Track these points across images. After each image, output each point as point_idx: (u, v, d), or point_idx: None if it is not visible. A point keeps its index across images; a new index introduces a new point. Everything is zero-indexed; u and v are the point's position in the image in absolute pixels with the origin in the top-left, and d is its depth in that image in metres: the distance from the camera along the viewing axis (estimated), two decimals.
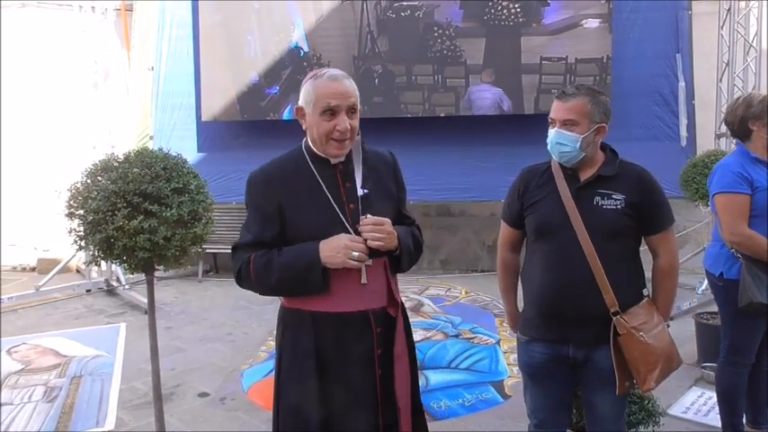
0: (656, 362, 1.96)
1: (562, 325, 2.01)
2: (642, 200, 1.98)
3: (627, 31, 6.25)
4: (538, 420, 2.17)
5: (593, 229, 1.95)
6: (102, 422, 3.40)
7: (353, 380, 1.78)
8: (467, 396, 3.62)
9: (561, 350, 2.04)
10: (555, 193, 2.03)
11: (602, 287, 1.93)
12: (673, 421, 3.16)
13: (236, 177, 6.77)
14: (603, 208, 1.97)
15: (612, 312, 1.95)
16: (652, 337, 1.95)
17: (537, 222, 2.05)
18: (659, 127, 6.26)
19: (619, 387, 1.99)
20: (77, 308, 5.69)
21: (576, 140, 1.98)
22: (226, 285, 6.48)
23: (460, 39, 6.27)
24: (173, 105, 6.87)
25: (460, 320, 4.98)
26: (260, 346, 4.55)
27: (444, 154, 6.29)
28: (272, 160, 1.89)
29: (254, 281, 1.77)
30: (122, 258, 2.44)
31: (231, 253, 1.82)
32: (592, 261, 1.93)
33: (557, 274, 1.99)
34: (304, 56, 6.47)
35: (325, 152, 1.81)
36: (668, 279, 2.07)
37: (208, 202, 2.59)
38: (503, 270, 2.26)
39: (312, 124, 1.78)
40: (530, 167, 2.17)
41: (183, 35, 6.80)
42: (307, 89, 1.78)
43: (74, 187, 2.51)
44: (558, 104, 2.02)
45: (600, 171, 2.02)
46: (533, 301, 2.09)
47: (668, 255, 2.06)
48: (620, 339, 1.95)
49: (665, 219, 2.04)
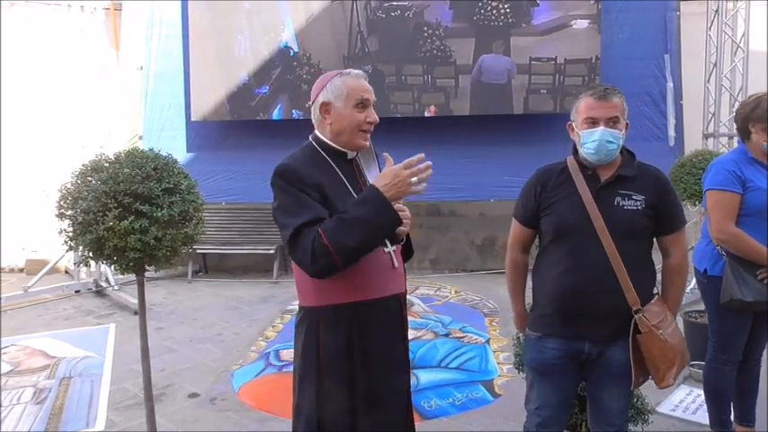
0: (674, 359, 2.01)
1: (580, 322, 2.03)
2: (660, 201, 2.02)
3: (616, 31, 6.31)
4: (542, 418, 2.16)
5: (613, 228, 1.97)
6: (93, 423, 3.39)
7: (395, 365, 1.92)
8: (457, 395, 3.64)
9: (576, 346, 2.06)
10: (575, 193, 2.03)
11: (624, 286, 1.96)
12: (662, 419, 3.20)
13: (225, 177, 6.77)
14: (625, 208, 1.99)
15: (635, 311, 1.98)
16: (669, 335, 2.00)
17: (557, 222, 2.05)
18: (648, 127, 6.32)
19: (634, 383, 2.04)
20: (66, 309, 5.65)
21: (620, 138, 2.01)
22: (216, 286, 6.46)
23: (450, 39, 6.29)
24: (162, 105, 6.84)
25: (450, 320, 5.00)
26: (250, 347, 4.54)
27: (434, 154, 6.24)
28: (291, 156, 1.87)
29: (334, 250, 1.67)
30: (113, 259, 2.43)
31: (291, 239, 1.70)
32: (614, 260, 1.95)
33: (578, 273, 2.00)
34: (294, 56, 6.47)
35: (352, 143, 1.89)
36: (679, 277, 2.12)
37: (198, 202, 2.59)
38: (514, 270, 2.25)
39: (342, 117, 1.87)
40: (546, 167, 2.15)
41: (172, 35, 6.77)
42: (336, 85, 1.88)
43: (64, 188, 2.49)
44: (598, 104, 2.01)
45: (620, 171, 2.03)
46: (551, 298, 2.08)
47: (680, 254, 2.10)
48: (640, 337, 1.99)
49: (680, 219, 2.09)
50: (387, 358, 1.89)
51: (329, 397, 1.84)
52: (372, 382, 1.86)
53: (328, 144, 1.91)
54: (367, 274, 1.83)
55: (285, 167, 1.81)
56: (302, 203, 1.75)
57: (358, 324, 1.84)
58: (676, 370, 2.03)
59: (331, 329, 1.84)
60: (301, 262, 1.73)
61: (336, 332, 1.84)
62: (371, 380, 1.86)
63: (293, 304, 5.63)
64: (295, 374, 1.96)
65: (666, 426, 3.18)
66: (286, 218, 1.76)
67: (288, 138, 6.51)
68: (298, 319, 1.94)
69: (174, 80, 6.75)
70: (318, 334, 1.85)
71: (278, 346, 4.54)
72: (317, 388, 1.85)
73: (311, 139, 1.95)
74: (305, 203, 1.75)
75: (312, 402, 1.86)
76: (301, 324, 1.91)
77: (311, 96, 1.95)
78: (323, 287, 1.82)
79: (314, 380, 1.85)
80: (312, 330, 1.87)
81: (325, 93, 1.89)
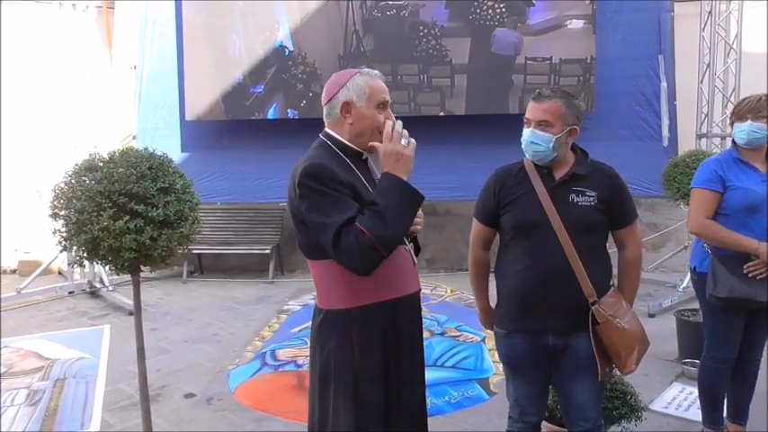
0: (633, 345, 2.08)
1: (542, 316, 2.10)
2: (612, 196, 2.11)
3: (610, 31, 6.33)
4: (521, 409, 2.26)
5: (570, 224, 2.05)
6: (88, 424, 3.37)
7: (418, 360, 1.95)
8: (452, 393, 3.65)
9: (541, 340, 2.13)
10: (532, 191, 2.11)
11: (580, 279, 2.04)
12: (654, 416, 3.22)
13: (220, 177, 6.75)
14: (579, 204, 2.08)
15: (591, 302, 2.05)
16: (626, 323, 2.08)
17: (516, 220, 2.13)
18: (642, 127, 6.35)
19: (600, 373, 2.09)
20: (60, 310, 5.62)
21: (549, 141, 2.07)
22: (211, 286, 6.45)
23: (446, 38, 6.30)
24: (156, 105, 6.81)
25: (446, 318, 5.01)
26: (246, 347, 4.53)
27: (430, 154, 6.30)
28: (314, 156, 1.81)
29: (378, 243, 1.67)
30: (108, 259, 2.42)
31: (334, 240, 1.67)
32: (570, 255, 2.04)
33: (537, 269, 2.08)
34: (289, 55, 6.46)
35: (371, 144, 1.87)
36: (635, 268, 2.21)
37: (194, 201, 2.58)
38: (477, 268, 2.33)
39: (364, 117, 1.85)
40: (503, 168, 2.24)
41: (166, 33, 6.74)
42: (359, 84, 1.85)
43: (57, 187, 2.48)
44: (533, 105, 2.12)
45: (574, 170, 2.11)
46: (513, 294, 2.16)
47: (635, 246, 2.20)
48: (599, 327, 2.05)
49: (632, 213, 2.18)
50: (413, 355, 1.93)
51: (365, 399, 1.82)
52: (402, 380, 1.89)
53: (345, 144, 1.87)
54: (393, 272, 1.85)
55: (318, 167, 1.75)
56: (339, 203, 1.72)
57: (390, 322, 1.86)
58: (637, 355, 2.10)
59: (366, 330, 1.83)
60: (348, 261, 1.70)
61: (371, 332, 1.83)
62: (401, 379, 1.88)
63: (289, 304, 5.62)
64: (316, 379, 1.90)
65: (660, 423, 3.19)
66: (323, 218, 1.71)
67: (283, 137, 6.58)
68: (318, 323, 1.88)
69: (167, 79, 6.72)
70: (352, 336, 1.82)
71: (274, 345, 4.53)
72: (352, 391, 1.81)
73: (324, 138, 1.90)
74: (342, 202, 1.73)
75: (349, 406, 1.81)
76: (326, 327, 1.86)
77: (326, 93, 1.89)
78: (354, 288, 1.80)
79: (348, 382, 1.82)
80: (344, 332, 1.82)
81: (346, 91, 1.85)
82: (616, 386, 2.62)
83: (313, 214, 1.73)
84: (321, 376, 1.88)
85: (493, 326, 2.32)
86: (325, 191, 1.72)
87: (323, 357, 1.86)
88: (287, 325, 5.03)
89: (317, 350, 1.89)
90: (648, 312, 5.04)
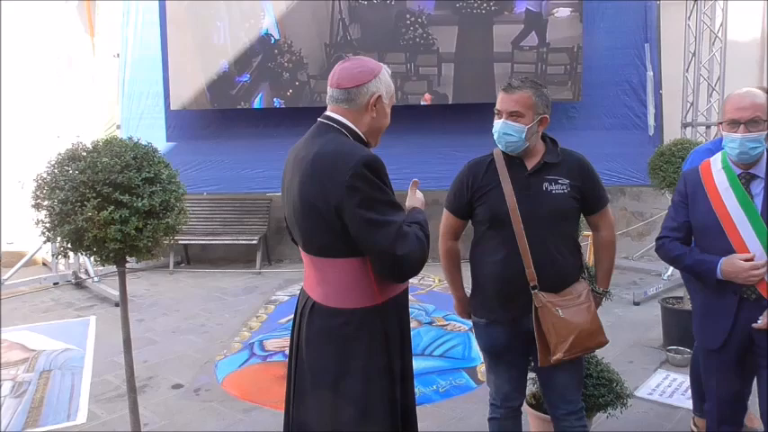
0: (568, 336, 2.07)
1: (519, 303, 2.13)
2: (584, 183, 2.15)
3: (597, 20, 6.35)
4: (503, 395, 2.30)
5: (545, 212, 2.09)
6: (74, 416, 3.35)
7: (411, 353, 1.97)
8: (441, 382, 3.67)
9: (521, 327, 2.16)
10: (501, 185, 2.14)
11: (526, 265, 2.07)
12: (639, 402, 3.26)
13: (206, 167, 6.69)
14: (553, 193, 2.11)
15: (531, 286, 2.08)
16: (571, 314, 2.08)
17: (490, 211, 2.14)
18: (628, 116, 6.39)
19: (540, 359, 2.12)
20: (45, 301, 5.56)
21: (521, 131, 2.08)
22: (198, 277, 6.41)
23: (433, 27, 6.27)
24: (140, 93, 6.72)
25: (434, 308, 5.03)
26: (234, 337, 4.52)
27: (418, 143, 6.30)
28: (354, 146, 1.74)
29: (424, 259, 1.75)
30: (93, 250, 2.38)
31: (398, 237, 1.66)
32: (521, 245, 2.07)
33: (511, 259, 2.10)
34: (275, 43, 6.40)
35: (376, 141, 1.87)
36: (609, 249, 2.27)
37: (180, 191, 2.54)
38: (449, 259, 2.33)
39: (385, 115, 1.84)
40: (475, 160, 2.24)
41: (149, 21, 6.64)
42: (388, 81, 1.83)
43: (40, 177, 2.43)
44: (503, 96, 2.12)
45: (545, 159, 2.14)
46: (490, 284, 2.18)
47: (608, 228, 2.26)
48: (539, 311, 2.09)
49: (604, 198, 2.23)
50: (409, 347, 1.97)
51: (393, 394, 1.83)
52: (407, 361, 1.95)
53: (361, 138, 1.80)
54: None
55: (375, 159, 1.69)
56: (394, 200, 1.72)
57: (403, 312, 1.91)
58: (571, 346, 2.06)
59: (392, 321, 1.84)
60: (408, 263, 1.69)
61: (393, 322, 1.85)
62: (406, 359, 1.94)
63: (277, 294, 5.61)
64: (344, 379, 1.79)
65: (645, 409, 3.24)
66: (387, 214, 1.67)
67: (270, 126, 6.53)
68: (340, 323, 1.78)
69: (151, 68, 6.63)
70: (386, 329, 1.81)
71: (262, 336, 4.52)
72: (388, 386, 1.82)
73: (336, 125, 1.79)
74: (396, 203, 1.73)
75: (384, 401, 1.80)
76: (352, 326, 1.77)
77: (352, 78, 1.78)
78: (381, 282, 1.78)
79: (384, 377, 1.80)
80: (377, 327, 1.79)
81: (378, 84, 1.78)
82: (602, 374, 2.65)
83: (378, 206, 1.66)
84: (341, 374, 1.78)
85: (470, 315, 2.34)
86: (381, 186, 1.68)
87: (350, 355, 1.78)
88: (275, 315, 5.02)
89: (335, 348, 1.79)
90: (634, 300, 5.10)
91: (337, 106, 1.81)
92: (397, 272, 1.72)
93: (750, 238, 2.03)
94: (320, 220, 1.72)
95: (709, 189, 2.11)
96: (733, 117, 2.03)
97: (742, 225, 2.04)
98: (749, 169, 2.08)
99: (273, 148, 5.59)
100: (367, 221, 1.65)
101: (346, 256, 1.74)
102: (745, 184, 2.08)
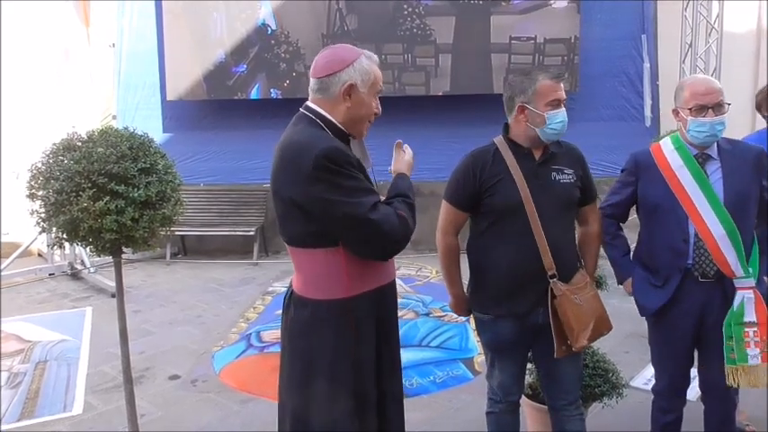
0: (588, 321, 2.10)
1: (528, 296, 2.12)
2: (583, 172, 2.20)
3: (594, 11, 6.32)
4: (506, 389, 2.28)
5: (555, 202, 2.10)
6: (70, 407, 3.35)
7: (397, 345, 1.98)
8: (437, 373, 3.68)
9: (530, 320, 2.14)
10: (511, 174, 2.11)
11: (543, 255, 2.06)
12: (635, 392, 3.28)
13: (203, 158, 6.67)
14: (561, 182, 2.13)
15: (550, 275, 2.08)
16: (585, 300, 2.11)
17: (503, 202, 2.10)
18: (625, 107, 6.39)
19: (557, 350, 2.11)
20: (40, 292, 5.55)
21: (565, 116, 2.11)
22: (195, 268, 6.40)
23: (430, 17, 6.24)
24: (136, 84, 6.67)
25: (431, 299, 5.04)
26: (231, 328, 4.52)
27: (415, 134, 6.26)
28: (314, 137, 1.74)
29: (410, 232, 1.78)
30: (88, 240, 2.38)
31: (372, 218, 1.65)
32: (537, 234, 2.07)
33: (522, 252, 2.08)
34: (271, 33, 6.35)
35: (359, 131, 1.85)
36: (597, 242, 2.32)
37: (176, 182, 2.54)
38: (450, 255, 2.26)
39: (363, 104, 1.80)
40: (478, 150, 2.20)
41: (145, 11, 6.58)
42: (365, 68, 1.79)
43: (35, 167, 2.42)
44: (558, 84, 2.13)
45: (551, 148, 2.14)
46: (503, 276, 2.13)
47: (597, 221, 2.30)
48: (556, 301, 2.08)
49: (595, 190, 2.28)
50: (395, 340, 1.97)
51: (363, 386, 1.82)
52: (393, 358, 1.95)
53: (338, 128, 1.79)
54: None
55: (334, 149, 1.68)
56: (364, 185, 1.71)
57: (382, 308, 1.87)
58: (592, 332, 2.11)
59: (364, 318, 1.81)
60: (380, 241, 1.70)
61: (368, 319, 1.82)
62: (393, 357, 1.94)
63: (274, 285, 5.61)
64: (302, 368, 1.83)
65: (640, 398, 3.24)
66: (355, 197, 1.66)
67: (267, 117, 6.50)
68: (308, 314, 1.81)
69: (148, 58, 6.58)
70: (352, 324, 1.79)
71: (259, 327, 4.53)
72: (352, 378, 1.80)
73: (311, 115, 1.80)
74: (366, 185, 1.72)
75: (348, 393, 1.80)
76: (318, 318, 1.79)
77: (325, 67, 1.79)
78: (355, 276, 1.77)
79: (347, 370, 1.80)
80: (343, 321, 1.78)
81: (351, 72, 1.76)
82: (598, 364, 2.67)
83: (341, 194, 1.65)
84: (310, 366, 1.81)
85: (469, 312, 2.31)
86: (346, 173, 1.68)
87: (315, 347, 1.80)
88: (272, 306, 5.02)
89: (304, 340, 1.82)
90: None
91: (314, 96, 1.83)
92: (379, 244, 1.69)
93: (707, 214, 2.12)
94: (287, 209, 1.75)
95: (664, 169, 2.21)
96: (700, 103, 2.13)
97: (699, 202, 2.14)
98: (704, 150, 2.19)
99: (270, 139, 5.45)
100: (335, 203, 1.66)
101: (315, 246, 1.75)
102: (701, 163, 2.18)
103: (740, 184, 2.15)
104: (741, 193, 2.14)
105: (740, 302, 2.11)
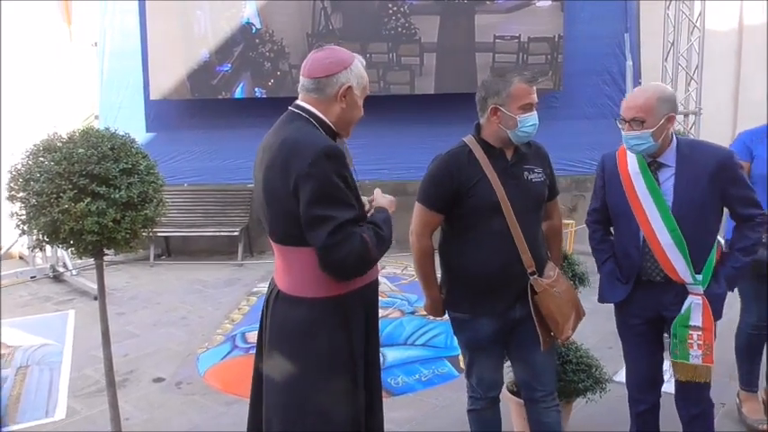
0: (569, 312, 2.19)
1: (505, 294, 2.15)
2: (550, 170, 2.26)
3: (578, 10, 6.37)
4: (486, 386, 2.31)
5: (528, 201, 2.14)
6: (53, 412, 3.31)
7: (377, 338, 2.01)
8: (423, 371, 3.69)
9: (508, 316, 2.18)
10: (486, 175, 2.12)
11: (522, 253, 2.10)
12: (618, 387, 3.28)
13: (186, 158, 6.62)
14: (534, 181, 2.17)
15: (530, 272, 2.12)
16: (563, 292, 2.18)
17: (481, 203, 2.10)
18: (607, 105, 6.45)
19: (543, 343, 2.16)
20: (22, 295, 5.47)
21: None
22: (179, 269, 6.35)
23: (415, 16, 6.25)
24: (119, 83, 6.61)
25: (416, 298, 5.04)
26: (216, 330, 4.49)
27: (400, 132, 6.29)
28: (315, 135, 1.74)
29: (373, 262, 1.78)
30: (69, 242, 2.35)
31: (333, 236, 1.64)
32: (515, 234, 2.10)
33: (498, 251, 2.11)
34: (256, 32, 6.32)
35: (348, 131, 1.87)
36: (560, 236, 2.42)
37: (158, 183, 2.51)
38: (424, 258, 2.25)
39: (355, 107, 1.83)
40: (451, 152, 2.19)
41: (128, 9, 6.52)
42: (360, 72, 1.83)
43: (14, 169, 2.39)
44: (533, 89, 2.13)
45: (521, 149, 2.18)
46: (481, 276, 2.15)
47: (559, 215, 2.39)
48: (538, 297, 2.13)
49: (557, 186, 2.34)
50: (377, 337, 2.00)
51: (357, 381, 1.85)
52: (375, 353, 1.99)
53: (331, 129, 1.80)
54: None
55: (335, 149, 1.68)
56: (344, 196, 1.69)
57: (369, 304, 1.91)
58: (573, 322, 2.21)
59: (355, 314, 1.84)
60: (344, 263, 1.68)
61: (359, 315, 1.85)
62: (375, 352, 1.98)
63: (259, 286, 5.58)
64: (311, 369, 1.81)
65: (624, 393, 3.24)
66: (327, 209, 1.65)
67: (252, 117, 6.46)
68: (304, 311, 1.80)
69: (131, 57, 6.52)
70: (347, 320, 1.81)
71: (244, 328, 4.50)
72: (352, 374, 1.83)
73: (304, 114, 1.79)
74: (346, 197, 1.69)
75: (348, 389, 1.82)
76: (314, 316, 1.79)
77: (323, 68, 1.79)
78: None
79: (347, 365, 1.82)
80: (339, 317, 1.80)
81: (350, 75, 1.79)
82: (582, 360, 2.69)
83: (318, 198, 1.65)
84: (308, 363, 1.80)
85: (444, 313, 2.33)
86: (334, 179, 1.66)
87: (313, 345, 1.79)
88: (257, 307, 4.99)
89: (302, 339, 1.81)
90: None
91: (308, 95, 1.82)
92: (332, 272, 1.72)
93: (656, 221, 2.15)
94: (282, 207, 1.74)
95: (623, 173, 2.26)
96: (621, 115, 2.22)
97: (649, 209, 2.17)
98: (656, 158, 2.21)
99: (255, 139, 5.42)
100: (312, 217, 1.66)
101: (308, 245, 1.74)
102: (654, 171, 2.20)
103: (693, 191, 2.12)
104: (693, 201, 2.12)
105: (688, 307, 2.17)
